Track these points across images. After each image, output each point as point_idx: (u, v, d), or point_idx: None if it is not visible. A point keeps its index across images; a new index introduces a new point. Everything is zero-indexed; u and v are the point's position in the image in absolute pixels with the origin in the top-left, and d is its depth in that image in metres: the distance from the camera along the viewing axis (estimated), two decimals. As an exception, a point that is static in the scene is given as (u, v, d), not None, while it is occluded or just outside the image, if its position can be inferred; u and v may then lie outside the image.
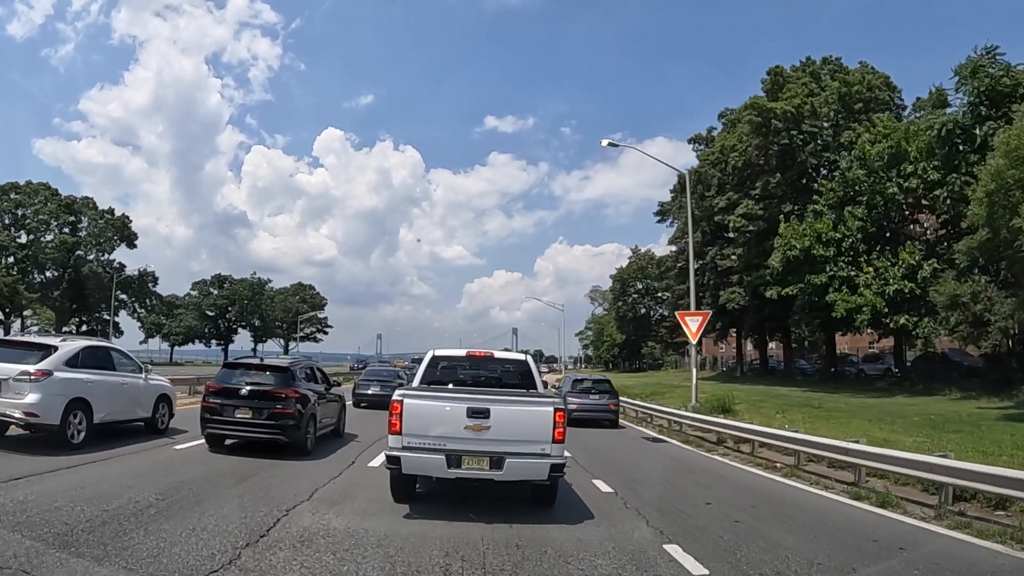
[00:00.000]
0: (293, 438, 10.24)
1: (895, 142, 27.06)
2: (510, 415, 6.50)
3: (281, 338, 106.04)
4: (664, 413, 19.92)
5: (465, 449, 6.37)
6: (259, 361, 12.00)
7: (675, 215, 49.07)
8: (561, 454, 6.58)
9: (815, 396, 25.44)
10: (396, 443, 6.46)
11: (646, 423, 21.22)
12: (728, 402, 20.65)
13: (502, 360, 8.47)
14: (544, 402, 6.73)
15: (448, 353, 8.22)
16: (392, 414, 6.50)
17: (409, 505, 6.86)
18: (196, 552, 4.89)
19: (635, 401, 24.29)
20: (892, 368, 37.52)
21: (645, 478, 10.65)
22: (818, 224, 27.27)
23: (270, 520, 5.95)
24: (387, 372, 25.01)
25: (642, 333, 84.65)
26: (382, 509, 6.77)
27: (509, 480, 6.54)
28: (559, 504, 7.23)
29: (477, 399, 6.57)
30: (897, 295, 24.96)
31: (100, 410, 9.86)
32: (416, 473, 6.77)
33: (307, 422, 10.65)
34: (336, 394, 13.20)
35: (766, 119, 32.37)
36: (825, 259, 26.86)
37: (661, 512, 7.23)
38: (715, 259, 38.46)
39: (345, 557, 5.00)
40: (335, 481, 8.26)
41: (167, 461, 9.32)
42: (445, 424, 6.43)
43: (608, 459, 12.68)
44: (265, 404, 10.20)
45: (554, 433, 6.45)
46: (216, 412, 10.27)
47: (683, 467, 12.17)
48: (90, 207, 69.98)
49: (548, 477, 6.52)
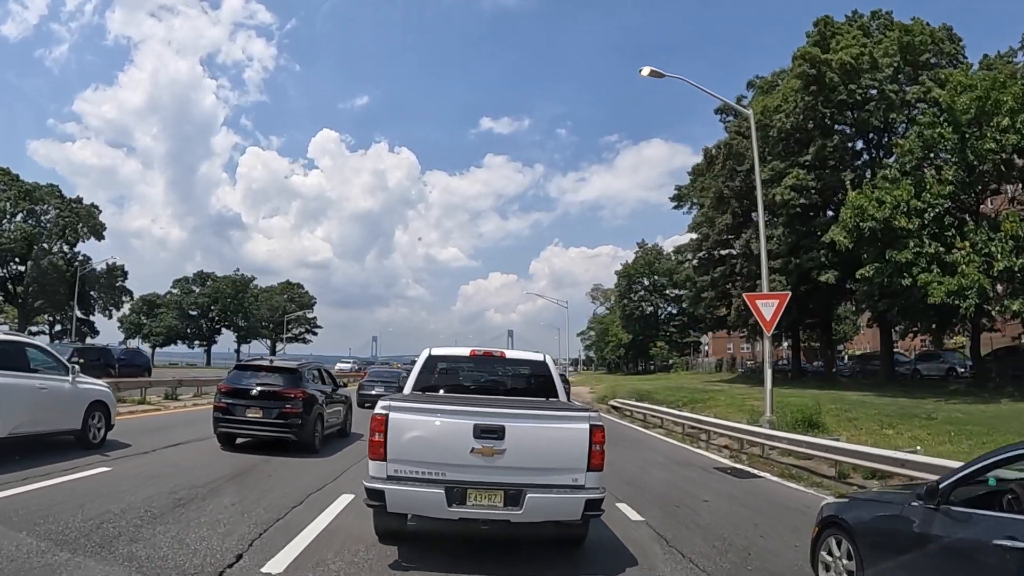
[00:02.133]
0: (301, 436, 10.77)
1: (983, 92, 21.91)
2: (531, 435, 5.01)
3: (267, 339, 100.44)
4: (731, 431, 14.67)
5: (472, 480, 4.89)
6: (268, 363, 12.43)
7: (696, 198, 43.81)
8: (599, 485, 5.05)
9: (897, 402, 20.24)
10: (379, 471, 4.94)
11: (697, 441, 15.95)
12: (814, 414, 15.41)
13: (514, 361, 7.06)
14: (576, 416, 5.20)
15: (448, 352, 6.94)
16: (374, 432, 4.95)
17: (398, 548, 5.39)
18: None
19: (679, 412, 19.02)
20: (957, 368, 32.40)
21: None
22: (897, 190, 22.03)
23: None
24: (389, 373, 25.04)
25: (649, 333, 79.33)
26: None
27: (529, 521, 4.96)
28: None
29: (488, 413, 5.03)
30: (1006, 274, 19.76)
31: (6, 420, 8.38)
32: (405, 511, 5.22)
33: (314, 421, 11.10)
34: (342, 395, 13.48)
35: (820, 72, 27.17)
36: (908, 232, 21.63)
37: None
38: (750, 243, 33.16)
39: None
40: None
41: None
42: (445, 446, 4.93)
43: (689, 516, 7.50)
44: (275, 404, 10.72)
45: (591, 458, 4.97)
46: (228, 412, 10.78)
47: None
48: (55, 195, 64.52)
49: (582, 517, 5.01)
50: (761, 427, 14.10)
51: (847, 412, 17.55)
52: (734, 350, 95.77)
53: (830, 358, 36.39)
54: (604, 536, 6.28)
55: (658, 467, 11.71)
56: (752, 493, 9.72)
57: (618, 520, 6.97)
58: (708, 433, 16.14)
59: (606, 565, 5.48)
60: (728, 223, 34.67)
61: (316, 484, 8.03)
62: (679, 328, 78.45)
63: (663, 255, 79.34)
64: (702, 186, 42.20)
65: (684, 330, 78.57)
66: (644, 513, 7.41)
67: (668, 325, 79.35)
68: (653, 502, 8.21)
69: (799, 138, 29.19)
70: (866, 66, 27.31)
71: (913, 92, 26.82)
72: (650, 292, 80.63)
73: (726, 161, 34.40)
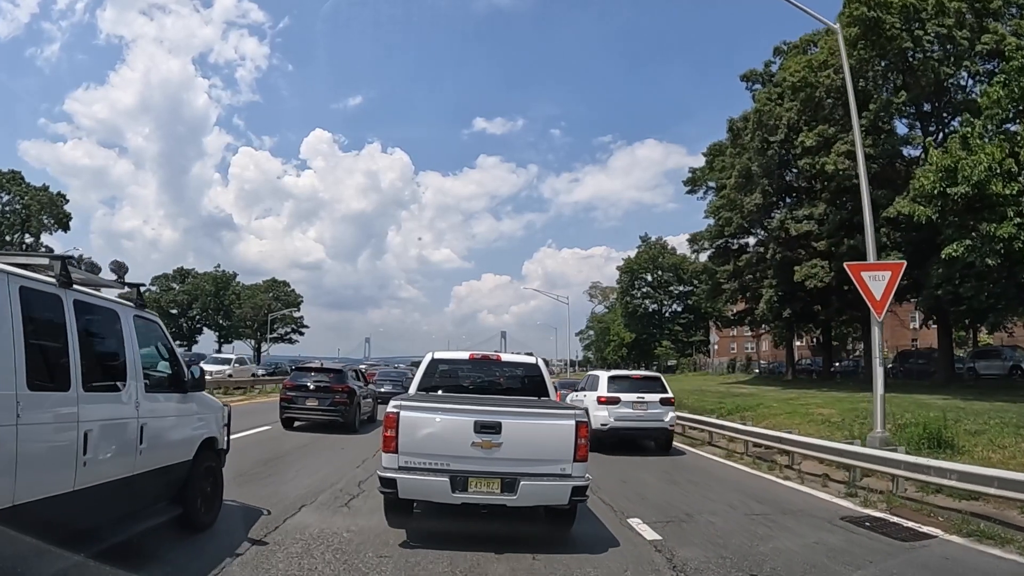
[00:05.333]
0: (346, 419, 14.32)
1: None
2: (525, 430, 5.71)
3: (251, 339, 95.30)
4: (834, 454, 10.32)
5: (473, 470, 5.56)
6: (320, 364, 16.82)
7: (715, 180, 39.61)
8: (583, 475, 5.70)
9: (997, 407, 16.05)
10: (391, 462, 5.61)
11: (775, 467, 11.61)
12: (940, 429, 11.16)
13: (509, 363, 7.62)
14: (564, 414, 5.87)
15: (448, 356, 7.55)
16: (387, 428, 5.66)
17: (406, 530, 5.97)
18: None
19: (743, 427, 14.65)
20: (1022, 365, 28.30)
21: None
22: (988, 147, 17.84)
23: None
24: (397, 374, 26.85)
25: (653, 331, 75.13)
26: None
27: (523, 506, 5.70)
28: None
29: (487, 411, 5.72)
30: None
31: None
32: (415, 498, 5.94)
33: (355, 408, 14.71)
34: (371, 390, 17.59)
35: (877, 17, 22.96)
36: (1004, 199, 17.46)
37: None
38: (785, 225, 28.93)
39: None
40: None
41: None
42: (449, 440, 5.61)
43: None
44: (327, 395, 14.28)
45: (576, 450, 5.63)
46: (292, 402, 14.35)
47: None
48: (16, 182, 59.79)
49: (569, 502, 5.69)
50: (880, 449, 9.81)
51: (961, 423, 13.26)
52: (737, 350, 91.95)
53: (870, 355, 32.13)
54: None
55: (761, 522, 7.40)
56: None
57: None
58: (791, 455, 11.84)
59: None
60: (758, 203, 30.38)
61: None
62: (684, 326, 74.31)
63: (667, 249, 75.32)
64: (721, 166, 38.04)
65: (689, 328, 74.45)
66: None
67: (673, 323, 75.11)
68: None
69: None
70: (932, 11, 23.13)
71: (986, 40, 22.64)
72: (654, 288, 76.40)
73: (755, 133, 30.12)
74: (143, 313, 5.30)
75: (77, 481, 3.96)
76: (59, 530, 3.72)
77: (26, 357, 3.57)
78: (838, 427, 14.50)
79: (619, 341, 79.53)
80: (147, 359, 5.23)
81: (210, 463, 6.02)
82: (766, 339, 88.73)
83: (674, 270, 73.76)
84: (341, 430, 13.98)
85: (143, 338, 5.12)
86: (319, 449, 11.88)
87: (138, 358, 4.93)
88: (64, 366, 3.95)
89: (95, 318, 4.55)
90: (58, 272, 4.09)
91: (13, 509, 3.40)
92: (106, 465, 4.30)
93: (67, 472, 3.90)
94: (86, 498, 4.02)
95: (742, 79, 34.42)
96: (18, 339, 3.54)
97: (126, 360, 4.76)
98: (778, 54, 34.74)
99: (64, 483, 3.86)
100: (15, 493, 3.43)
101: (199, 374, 5.97)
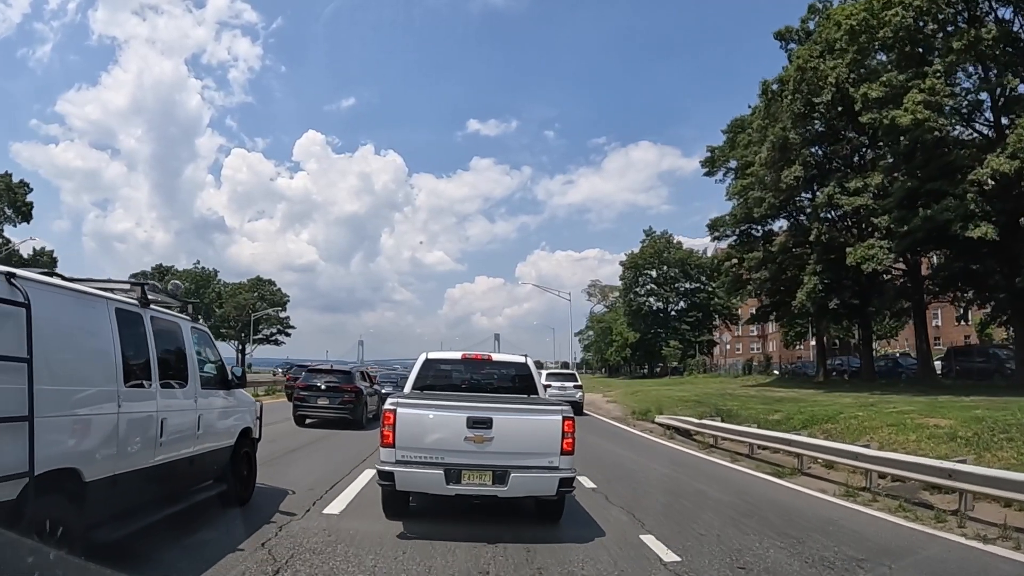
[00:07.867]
0: (355, 416, 15.58)
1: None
2: (514, 425, 5.99)
3: (234, 340, 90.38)
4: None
5: (465, 463, 5.85)
6: (330, 366, 18.24)
7: (738, 158, 35.40)
8: (570, 467, 6.05)
9: None
10: (389, 456, 5.92)
11: (926, 513, 7.27)
12: None
13: (500, 363, 8.05)
14: (551, 410, 6.15)
15: (442, 356, 7.87)
16: (384, 424, 5.98)
17: (403, 522, 6.20)
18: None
19: (868, 452, 10.31)
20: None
21: None
22: None
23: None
24: (397, 375, 27.00)
25: (659, 330, 70.75)
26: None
27: (514, 496, 5.99)
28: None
29: (478, 408, 6.02)
30: None
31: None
32: (411, 490, 6.21)
33: (363, 406, 16.08)
34: (376, 390, 18.17)
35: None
36: None
37: None
38: (834, 199, 24.68)
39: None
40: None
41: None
42: (443, 435, 5.91)
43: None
44: (337, 395, 15.64)
45: (563, 444, 5.94)
46: (305, 400, 15.72)
47: None
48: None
49: (556, 492, 5.99)
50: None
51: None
52: (743, 350, 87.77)
53: (925, 353, 27.92)
54: None
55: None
56: None
57: None
58: (961, 494, 7.56)
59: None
60: (798, 175, 26.13)
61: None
62: (692, 325, 69.98)
63: (673, 244, 71.08)
64: (746, 141, 33.82)
65: (697, 328, 70.15)
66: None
67: (679, 322, 70.74)
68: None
69: (922, 39, 20.75)
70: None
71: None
72: (659, 285, 72.05)
73: (795, 95, 25.90)
74: (197, 325, 6.54)
75: (156, 458, 5.13)
76: (142, 495, 4.95)
77: (123, 361, 4.71)
78: (987, 447, 10.23)
79: (622, 341, 75.13)
80: (200, 362, 6.30)
81: (247, 449, 7.16)
82: (773, 339, 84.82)
83: (681, 265, 69.59)
84: (350, 428, 15.25)
85: (198, 345, 6.24)
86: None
87: (195, 362, 6.06)
88: (146, 368, 5.12)
89: (165, 330, 5.63)
90: (139, 295, 5.26)
91: (114, 478, 4.50)
92: (175, 446, 5.48)
93: (150, 451, 5.05)
94: (161, 471, 5.20)
95: (776, 37, 30.26)
96: (116, 347, 4.68)
97: (187, 363, 5.92)
98: (813, 13, 30.66)
99: (148, 459, 5.01)
100: (116, 464, 4.54)
101: (240, 374, 7.25)
